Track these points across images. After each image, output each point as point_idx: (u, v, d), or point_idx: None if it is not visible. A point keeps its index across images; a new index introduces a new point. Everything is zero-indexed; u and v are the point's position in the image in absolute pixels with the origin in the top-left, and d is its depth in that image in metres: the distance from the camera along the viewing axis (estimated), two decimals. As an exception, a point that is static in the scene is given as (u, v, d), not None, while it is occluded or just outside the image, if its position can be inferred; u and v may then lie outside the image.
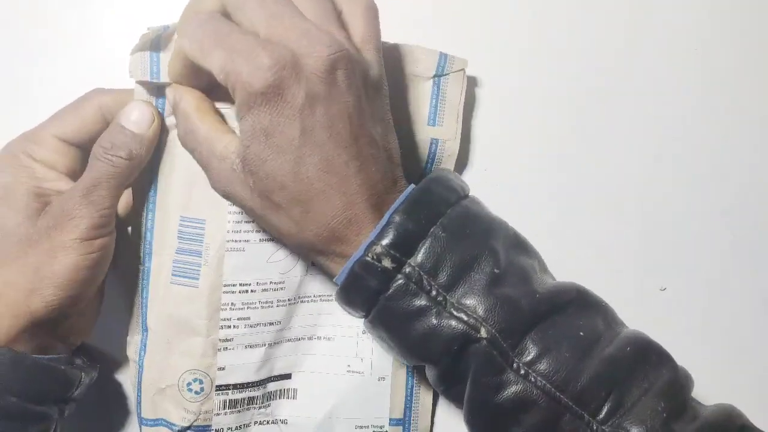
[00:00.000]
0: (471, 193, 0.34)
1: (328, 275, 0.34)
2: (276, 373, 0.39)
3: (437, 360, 0.31)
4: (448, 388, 0.33)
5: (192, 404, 0.37)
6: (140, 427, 0.37)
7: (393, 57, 0.37)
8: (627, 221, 0.43)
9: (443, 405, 0.42)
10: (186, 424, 0.37)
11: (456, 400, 0.33)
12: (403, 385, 0.40)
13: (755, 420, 0.40)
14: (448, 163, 0.40)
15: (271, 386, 0.39)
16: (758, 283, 0.43)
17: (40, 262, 0.32)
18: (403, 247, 0.30)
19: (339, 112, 0.30)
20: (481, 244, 0.31)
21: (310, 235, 0.31)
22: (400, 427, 0.40)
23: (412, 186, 0.33)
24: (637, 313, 0.41)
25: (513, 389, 0.30)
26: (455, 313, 0.30)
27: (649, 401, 0.31)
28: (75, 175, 0.35)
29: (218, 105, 0.34)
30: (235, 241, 0.36)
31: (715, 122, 0.43)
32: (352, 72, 0.30)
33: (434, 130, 0.39)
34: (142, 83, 0.35)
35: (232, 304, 0.36)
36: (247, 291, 0.36)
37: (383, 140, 0.32)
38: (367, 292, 0.31)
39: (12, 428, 0.32)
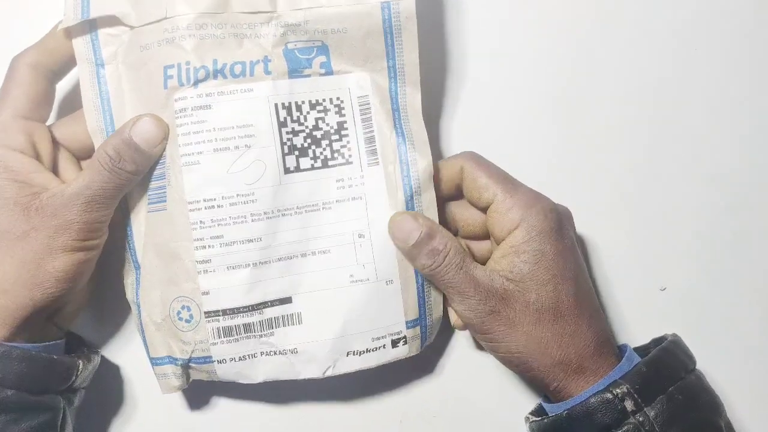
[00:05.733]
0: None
1: (551, 395, 0.35)
2: (272, 297, 0.36)
3: None
4: None
5: (185, 334, 0.35)
6: (152, 367, 0.37)
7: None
8: (626, 221, 0.43)
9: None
10: (186, 357, 0.36)
11: None
12: (414, 284, 0.36)
13: (756, 419, 0.42)
14: (408, 26, 0.35)
15: (270, 312, 0.36)
16: (758, 282, 0.43)
17: (41, 259, 0.33)
18: (644, 396, 0.32)
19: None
20: (709, 419, 0.33)
21: (572, 353, 0.34)
22: (417, 327, 0.36)
23: (627, 345, 0.36)
24: (637, 313, 0.43)
25: None
26: None
27: None
28: (38, 152, 0.35)
29: None
30: (188, 154, 0.34)
31: (715, 121, 0.43)
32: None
33: (382, -8, 0.34)
34: (73, 28, 0.35)
35: (201, 222, 0.35)
36: (213, 207, 0.35)
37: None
38: (593, 427, 0.32)
39: (12, 420, 0.33)
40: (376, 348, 0.36)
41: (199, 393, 0.41)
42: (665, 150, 0.42)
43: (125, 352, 0.42)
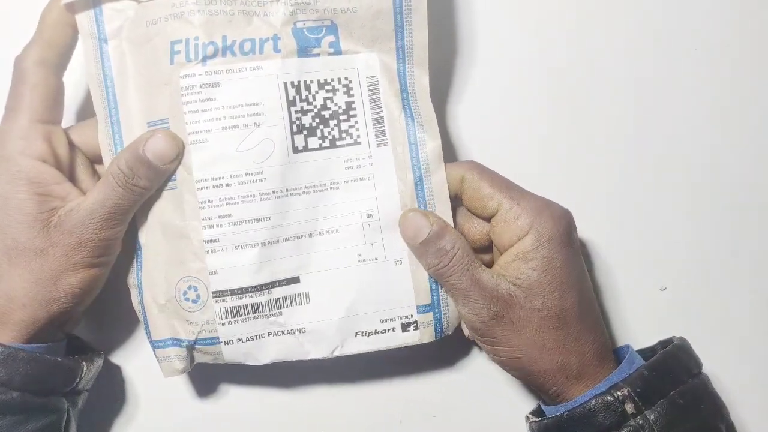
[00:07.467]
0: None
1: (549, 399, 0.35)
2: (280, 277, 0.36)
3: None
4: None
5: (192, 314, 0.35)
6: (153, 350, 0.36)
7: None
8: (627, 222, 0.42)
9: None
10: (192, 338, 0.35)
11: None
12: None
13: (755, 420, 0.41)
14: (419, 7, 0.35)
15: (278, 292, 0.36)
16: (758, 282, 0.43)
17: (59, 276, 0.34)
18: (645, 399, 0.32)
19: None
20: (710, 423, 0.33)
21: (573, 359, 0.34)
22: (431, 313, 0.36)
23: (629, 346, 0.36)
24: (637, 313, 0.42)
25: None
26: None
27: None
28: (57, 158, 0.35)
29: None
30: (196, 132, 0.34)
31: (715, 122, 0.43)
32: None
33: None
34: (76, 3, 0.34)
35: (209, 201, 0.34)
36: (221, 185, 0.34)
37: None
38: (593, 428, 0.33)
39: (18, 421, 0.32)
40: (385, 330, 0.36)
41: (201, 393, 0.41)
42: (665, 150, 0.42)
43: (126, 352, 0.41)
